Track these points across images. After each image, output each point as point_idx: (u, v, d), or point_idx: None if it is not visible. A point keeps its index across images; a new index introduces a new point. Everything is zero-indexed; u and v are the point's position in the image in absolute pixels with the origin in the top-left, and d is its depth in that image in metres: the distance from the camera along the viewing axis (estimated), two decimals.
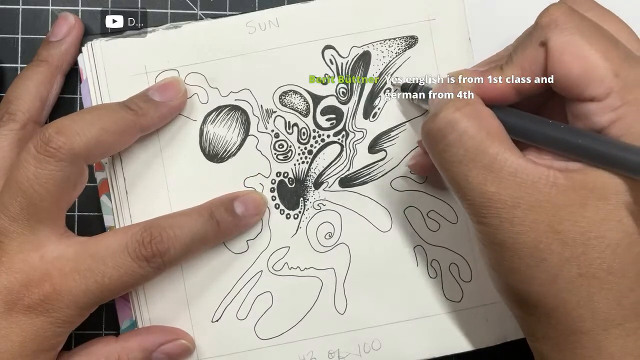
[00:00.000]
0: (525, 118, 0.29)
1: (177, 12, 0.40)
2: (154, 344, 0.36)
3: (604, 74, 0.27)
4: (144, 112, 0.35)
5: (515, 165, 0.27)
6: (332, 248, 0.38)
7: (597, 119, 0.27)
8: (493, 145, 0.28)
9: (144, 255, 0.33)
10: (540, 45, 0.28)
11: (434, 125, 0.29)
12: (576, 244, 0.27)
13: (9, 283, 0.31)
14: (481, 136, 0.28)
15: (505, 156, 0.28)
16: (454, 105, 0.29)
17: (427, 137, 0.30)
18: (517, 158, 0.28)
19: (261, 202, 0.37)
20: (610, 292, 0.27)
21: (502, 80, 0.30)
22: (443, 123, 0.29)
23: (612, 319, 0.27)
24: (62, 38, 0.38)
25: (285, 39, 0.38)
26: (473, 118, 0.28)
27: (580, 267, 0.27)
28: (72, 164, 0.32)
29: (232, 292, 0.37)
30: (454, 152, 0.28)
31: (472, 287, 0.38)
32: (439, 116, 0.29)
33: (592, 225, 0.27)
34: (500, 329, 0.38)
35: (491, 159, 0.28)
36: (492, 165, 0.28)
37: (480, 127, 0.28)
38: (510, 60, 0.30)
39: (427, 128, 0.30)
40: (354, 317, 0.38)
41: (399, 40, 0.38)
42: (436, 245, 0.38)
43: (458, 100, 0.29)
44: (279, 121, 0.38)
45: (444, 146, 0.29)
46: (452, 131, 0.28)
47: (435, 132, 0.29)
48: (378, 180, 0.38)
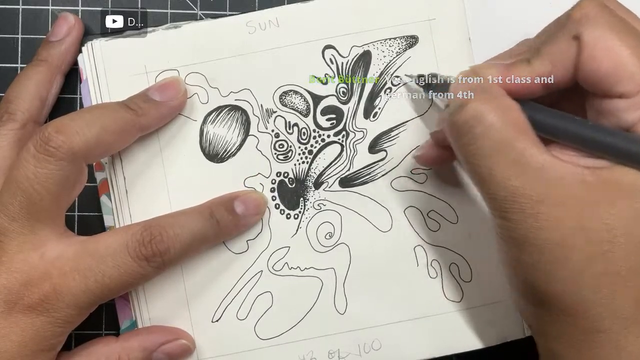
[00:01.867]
0: (551, 114, 0.29)
1: (177, 12, 0.40)
2: (154, 344, 0.35)
3: (634, 71, 0.27)
4: (143, 112, 0.35)
5: (541, 161, 0.27)
6: (332, 248, 0.38)
7: (625, 116, 0.27)
8: (520, 140, 0.28)
9: (144, 254, 0.33)
10: (573, 38, 0.28)
11: (461, 118, 0.29)
12: (602, 242, 0.27)
13: (8, 283, 0.31)
14: (508, 130, 0.28)
15: (532, 151, 0.27)
16: (482, 98, 0.28)
17: (453, 129, 0.29)
18: (543, 153, 0.27)
19: (261, 201, 0.37)
20: (633, 291, 0.27)
21: (530, 74, 0.29)
22: (470, 115, 0.28)
23: (632, 317, 0.27)
24: (62, 38, 0.38)
25: (285, 39, 0.38)
26: (500, 111, 0.28)
27: (605, 264, 0.27)
28: (71, 163, 0.32)
29: (232, 292, 0.37)
30: (480, 145, 0.28)
31: (472, 287, 0.38)
32: (466, 108, 0.28)
33: (620, 223, 0.27)
34: (500, 329, 0.38)
35: (518, 153, 0.27)
36: (519, 160, 0.27)
37: (508, 121, 0.28)
38: (538, 53, 0.29)
39: (453, 120, 0.29)
40: (354, 317, 0.37)
41: (400, 39, 0.38)
42: (436, 245, 0.38)
43: (485, 93, 0.29)
44: (279, 121, 0.38)
45: (470, 139, 0.28)
46: (479, 124, 0.28)
47: (462, 124, 0.29)
48: (378, 180, 0.38)
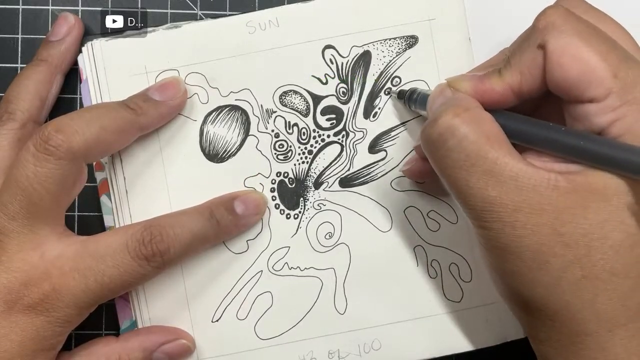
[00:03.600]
0: (524, 121, 0.29)
1: (177, 12, 0.40)
2: (154, 344, 0.35)
3: (603, 75, 0.27)
4: (143, 112, 0.35)
5: (515, 169, 0.27)
6: (332, 248, 0.38)
7: (597, 120, 0.27)
8: (493, 150, 0.28)
9: (144, 254, 0.33)
10: (538, 47, 0.28)
11: (434, 131, 0.29)
12: (579, 246, 0.27)
13: (8, 282, 0.31)
14: (481, 141, 0.28)
15: (505, 160, 0.28)
16: (453, 111, 0.29)
17: (427, 142, 0.30)
18: (517, 162, 0.28)
19: (261, 201, 0.37)
20: (614, 293, 0.27)
21: (501, 85, 0.30)
22: (443, 128, 0.29)
23: (616, 319, 0.27)
24: (62, 38, 0.38)
25: (285, 39, 0.38)
26: (473, 123, 0.28)
27: (584, 269, 0.27)
28: (71, 162, 0.32)
29: (232, 292, 0.37)
30: (454, 157, 0.28)
31: (472, 287, 0.38)
32: (439, 122, 0.29)
33: (595, 227, 0.27)
34: (500, 329, 0.38)
35: (491, 163, 0.28)
36: (493, 170, 0.28)
37: (480, 132, 0.28)
38: (508, 64, 0.30)
39: (426, 134, 0.30)
40: (354, 317, 0.37)
41: (399, 40, 0.38)
42: (436, 245, 0.38)
43: (457, 106, 0.29)
44: (279, 121, 0.38)
45: (444, 152, 0.29)
46: (452, 137, 0.28)
47: (436, 137, 0.29)
48: (378, 180, 0.38)
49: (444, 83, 0.32)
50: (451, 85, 0.31)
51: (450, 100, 0.30)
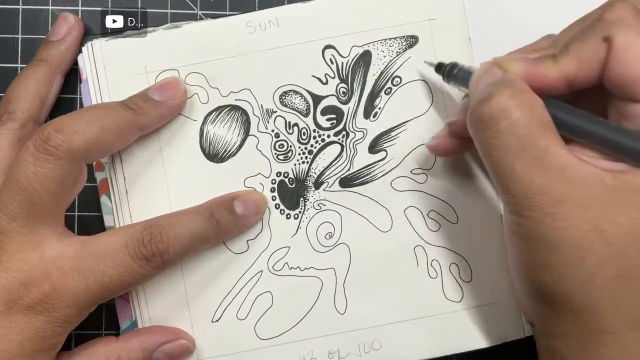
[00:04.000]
0: (575, 113, 0.29)
1: (177, 12, 0.40)
2: (154, 344, 0.35)
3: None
4: (143, 111, 0.35)
5: (564, 160, 0.27)
6: (332, 248, 0.38)
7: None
8: (544, 137, 0.27)
9: (143, 254, 0.33)
10: (603, 40, 0.28)
11: (486, 110, 0.28)
12: (618, 244, 0.27)
13: (8, 282, 0.31)
14: (533, 127, 0.27)
15: (555, 149, 0.27)
16: (508, 92, 0.28)
17: (477, 121, 0.29)
18: (566, 153, 0.27)
19: (261, 201, 0.37)
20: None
21: (556, 71, 0.29)
22: (496, 109, 0.28)
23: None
24: (61, 38, 0.38)
25: (285, 38, 0.38)
26: (526, 107, 0.28)
27: (620, 268, 0.27)
28: (71, 162, 0.32)
29: (232, 292, 0.37)
30: (504, 139, 0.28)
31: (472, 287, 0.38)
32: (492, 101, 0.28)
33: (636, 227, 0.27)
34: (500, 329, 0.38)
35: (542, 150, 0.27)
36: (542, 157, 0.27)
37: (533, 117, 0.28)
38: (566, 51, 0.29)
39: (477, 112, 0.29)
40: (354, 317, 0.37)
41: (400, 39, 0.38)
42: (436, 245, 0.38)
43: (511, 87, 0.28)
44: (279, 121, 0.38)
45: (494, 132, 0.28)
46: (504, 118, 0.28)
47: (487, 117, 0.28)
48: (378, 180, 0.38)
49: (490, 61, 0.31)
50: (500, 65, 0.30)
51: (503, 81, 0.29)
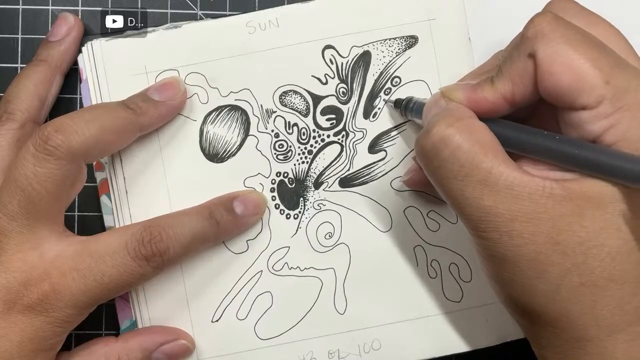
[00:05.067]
0: (518, 130, 0.29)
1: (177, 12, 0.40)
2: (154, 344, 0.35)
3: (594, 82, 0.27)
4: (143, 111, 0.35)
5: (510, 178, 0.27)
6: (332, 248, 0.38)
7: (591, 127, 0.27)
8: (487, 159, 0.28)
9: (143, 254, 0.33)
10: (528, 57, 0.28)
11: (427, 142, 0.29)
12: (576, 254, 0.27)
13: (7, 282, 0.31)
14: (475, 150, 0.28)
15: (500, 169, 0.27)
16: (446, 121, 0.29)
17: (421, 153, 0.30)
18: (512, 170, 0.27)
19: (261, 201, 0.37)
20: (613, 299, 0.27)
21: (493, 94, 0.29)
22: (436, 139, 0.28)
23: (615, 324, 0.27)
24: (61, 38, 0.38)
25: (285, 39, 0.38)
26: (466, 133, 0.28)
27: (582, 276, 0.27)
28: (70, 162, 0.32)
29: (232, 292, 0.37)
30: (448, 168, 0.28)
31: (472, 287, 0.38)
32: (432, 132, 0.29)
33: (591, 235, 0.27)
34: (500, 329, 0.38)
35: (486, 173, 0.27)
36: (488, 179, 0.27)
37: (474, 142, 0.28)
38: (500, 72, 0.29)
39: (420, 145, 0.30)
40: (354, 317, 0.37)
41: (399, 40, 0.38)
42: (436, 245, 0.38)
43: (450, 116, 0.29)
44: (279, 121, 0.38)
45: (439, 162, 0.29)
46: (445, 147, 0.28)
47: (429, 148, 0.29)
48: (378, 180, 0.38)
49: (438, 93, 0.32)
50: (445, 95, 0.31)
51: (444, 111, 0.30)
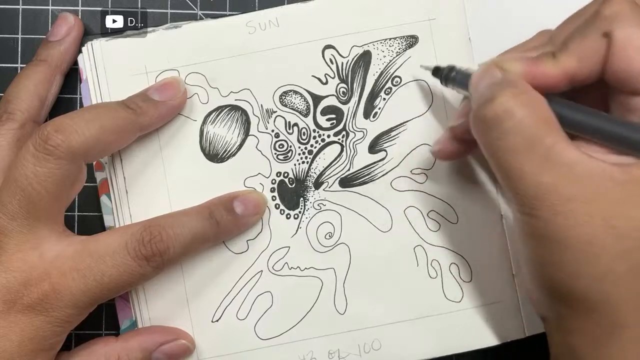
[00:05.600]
0: (577, 109, 0.29)
1: (177, 12, 0.40)
2: (154, 344, 0.35)
3: None
4: (143, 111, 0.35)
5: (572, 157, 0.27)
6: (332, 248, 0.38)
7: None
8: (550, 136, 0.27)
9: (143, 254, 0.32)
10: (602, 35, 0.28)
11: (489, 112, 0.28)
12: (630, 239, 0.26)
13: (7, 282, 0.31)
14: (538, 126, 0.27)
15: (562, 147, 0.27)
16: (511, 92, 0.28)
17: (481, 123, 0.29)
18: (573, 149, 0.27)
19: (261, 201, 0.37)
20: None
21: (556, 69, 0.29)
22: (500, 110, 0.28)
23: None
24: (61, 38, 0.38)
25: (285, 39, 0.38)
26: (530, 106, 0.28)
27: (631, 262, 0.27)
28: (70, 162, 0.32)
29: (232, 292, 0.37)
30: (510, 140, 0.27)
31: (472, 287, 0.38)
32: (495, 102, 0.28)
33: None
34: (500, 329, 0.38)
35: (549, 149, 0.27)
36: (549, 156, 0.27)
37: (538, 116, 0.27)
38: (565, 48, 0.29)
39: (481, 114, 0.29)
40: (354, 317, 0.37)
41: (400, 39, 0.38)
42: (436, 245, 0.38)
43: (514, 88, 0.28)
44: (279, 121, 0.38)
45: (499, 134, 0.28)
46: (509, 119, 0.27)
47: (490, 118, 0.28)
48: (378, 180, 0.38)
49: (489, 62, 0.30)
50: (499, 66, 0.30)
51: (506, 82, 0.29)
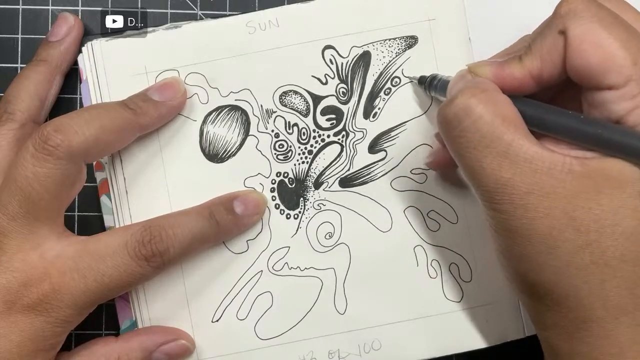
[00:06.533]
0: (542, 108, 0.29)
1: (177, 12, 0.40)
2: (154, 344, 0.35)
3: (622, 63, 0.27)
4: (142, 111, 0.35)
5: (530, 152, 0.27)
6: (332, 248, 0.38)
7: (615, 107, 0.27)
8: (509, 132, 0.28)
9: (143, 254, 0.33)
10: (559, 34, 0.28)
11: (450, 111, 0.29)
12: (590, 231, 0.27)
13: (7, 282, 0.31)
14: (497, 122, 0.28)
15: (520, 142, 0.28)
16: (470, 92, 0.29)
17: (443, 122, 0.30)
18: (532, 145, 0.28)
19: (261, 201, 0.37)
20: (623, 281, 0.27)
21: (521, 71, 0.29)
22: (459, 108, 0.29)
23: (623, 307, 0.27)
24: (61, 38, 0.38)
25: (285, 39, 0.38)
26: (489, 104, 0.28)
27: (593, 254, 0.27)
28: (70, 162, 0.32)
29: (232, 292, 0.37)
30: (469, 137, 0.28)
31: (472, 287, 0.38)
32: (455, 102, 0.29)
33: (607, 213, 0.27)
34: (500, 329, 0.38)
35: (506, 145, 0.28)
36: (507, 152, 0.28)
37: (496, 113, 0.28)
38: (529, 50, 0.30)
39: (443, 113, 0.30)
40: (354, 317, 0.37)
41: (399, 40, 0.38)
42: (436, 245, 0.38)
43: (474, 87, 0.29)
44: (279, 121, 0.38)
45: (459, 132, 0.29)
46: (467, 116, 0.28)
47: (451, 117, 0.29)
48: (378, 180, 0.38)
49: (464, 69, 0.32)
50: (472, 71, 0.31)
51: (469, 82, 0.30)
